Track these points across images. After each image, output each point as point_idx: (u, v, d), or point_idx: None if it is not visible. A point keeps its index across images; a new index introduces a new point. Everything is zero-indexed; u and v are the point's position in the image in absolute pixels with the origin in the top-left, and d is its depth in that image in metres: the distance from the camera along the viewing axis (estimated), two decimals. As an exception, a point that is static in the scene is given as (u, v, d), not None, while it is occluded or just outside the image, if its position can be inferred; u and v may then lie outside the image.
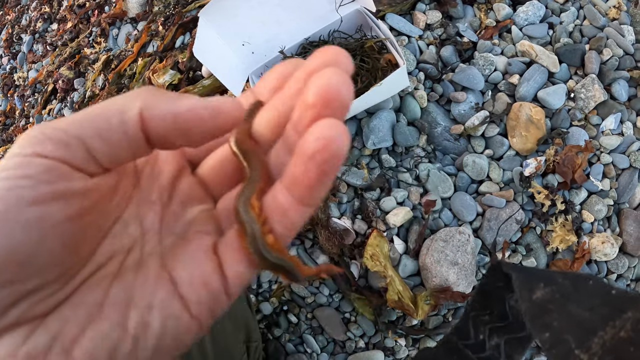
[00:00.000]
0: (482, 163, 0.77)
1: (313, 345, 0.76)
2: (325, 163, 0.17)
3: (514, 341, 0.41)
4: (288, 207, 0.19)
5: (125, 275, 0.19)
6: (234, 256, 0.19)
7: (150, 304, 0.18)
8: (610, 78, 0.82)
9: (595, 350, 0.28)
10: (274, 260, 0.19)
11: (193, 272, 0.19)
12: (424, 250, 0.74)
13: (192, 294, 0.19)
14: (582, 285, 0.33)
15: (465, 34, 0.83)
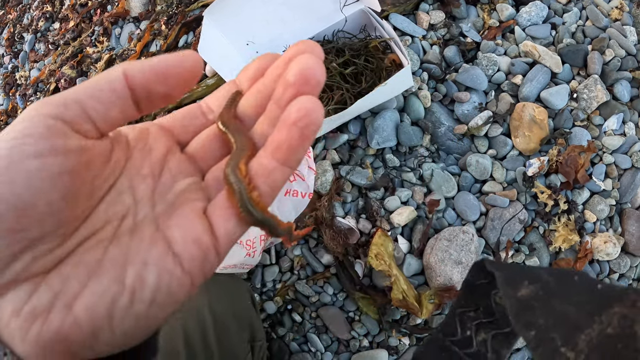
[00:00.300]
0: (486, 163, 0.77)
1: (317, 344, 0.75)
2: (306, 128, 0.20)
3: (500, 336, 0.40)
4: (272, 168, 0.21)
5: (121, 237, 0.20)
6: (222, 215, 0.21)
7: (145, 261, 0.20)
8: (612, 79, 0.82)
9: (581, 348, 0.27)
10: (259, 216, 0.21)
11: (185, 231, 0.21)
12: (428, 249, 0.73)
13: (184, 251, 0.20)
14: (567, 281, 0.32)
15: (469, 34, 0.82)
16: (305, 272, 0.76)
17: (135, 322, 0.19)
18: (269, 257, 0.76)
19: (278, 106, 0.22)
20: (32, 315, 0.18)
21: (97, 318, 0.18)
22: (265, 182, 0.22)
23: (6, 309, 0.18)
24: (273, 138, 0.21)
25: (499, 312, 0.41)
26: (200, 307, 0.56)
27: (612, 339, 0.27)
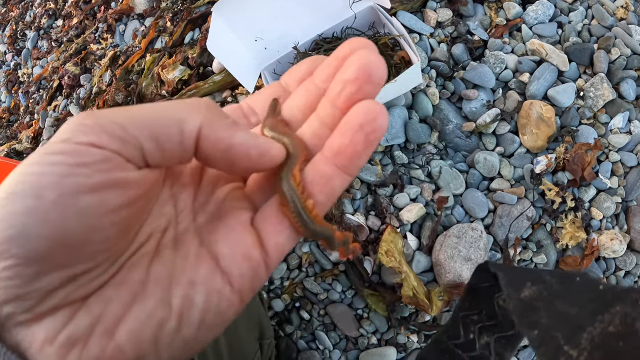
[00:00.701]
0: (494, 160, 0.76)
1: (325, 342, 0.74)
2: (372, 133, 0.18)
3: (503, 340, 0.40)
4: (331, 175, 0.19)
5: (164, 253, 0.19)
6: (273, 228, 0.20)
7: (192, 280, 0.18)
8: (618, 77, 0.81)
9: (584, 346, 0.27)
10: (316, 228, 0.19)
11: (234, 246, 0.19)
12: (437, 246, 0.72)
13: (233, 268, 0.18)
14: (569, 282, 0.33)
15: (476, 32, 0.82)
16: (313, 269, 0.75)
17: (182, 345, 0.18)
18: (277, 254, 0.75)
19: (333, 105, 0.20)
20: (70, 343, 0.16)
21: (142, 344, 0.17)
22: (322, 191, 0.20)
23: (39, 335, 0.16)
24: (334, 142, 0.19)
25: (501, 315, 0.41)
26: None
27: (614, 336, 0.27)
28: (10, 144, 1.17)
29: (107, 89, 1.00)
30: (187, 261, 0.19)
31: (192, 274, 0.18)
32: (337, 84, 0.19)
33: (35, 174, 0.15)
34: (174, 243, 0.19)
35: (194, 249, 0.19)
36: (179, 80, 0.87)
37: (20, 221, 0.15)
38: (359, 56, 0.19)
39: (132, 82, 0.96)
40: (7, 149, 1.14)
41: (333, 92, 0.20)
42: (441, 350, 0.44)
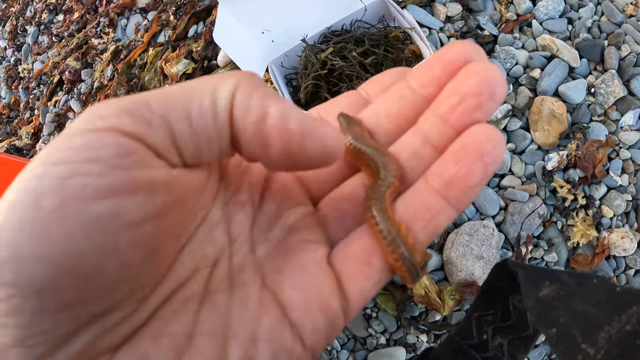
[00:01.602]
0: (505, 157, 0.72)
1: (333, 342, 0.70)
2: (492, 165, 0.15)
3: (517, 341, 0.40)
4: (439, 210, 0.16)
5: (216, 296, 0.14)
6: (358, 270, 0.15)
7: (254, 335, 0.14)
8: (629, 74, 0.78)
9: (601, 344, 0.27)
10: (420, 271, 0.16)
11: (307, 293, 0.15)
12: (449, 244, 0.69)
13: (306, 321, 0.14)
14: (586, 283, 0.32)
15: (486, 27, 0.78)
16: (321, 268, 0.71)
17: None
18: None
19: (443, 121, 0.16)
20: None
21: None
22: (426, 228, 0.16)
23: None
24: (446, 169, 0.15)
25: (516, 315, 0.40)
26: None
27: (631, 335, 0.26)
28: (10, 140, 1.12)
29: (108, 83, 0.96)
30: (247, 309, 0.14)
31: (254, 327, 0.14)
32: (451, 95, 0.16)
33: (35, 177, 0.11)
34: (229, 282, 0.15)
35: (255, 292, 0.15)
36: (183, 74, 0.83)
37: (13, 239, 0.11)
38: (481, 68, 0.15)
39: (135, 76, 0.92)
40: (7, 145, 1.10)
41: (445, 104, 0.16)
42: (454, 350, 0.42)
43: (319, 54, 0.68)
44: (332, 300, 0.15)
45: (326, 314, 0.15)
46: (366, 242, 0.16)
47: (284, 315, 0.14)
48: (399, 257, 0.15)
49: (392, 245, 0.15)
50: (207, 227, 0.15)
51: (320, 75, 0.69)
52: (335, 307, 0.15)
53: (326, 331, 0.15)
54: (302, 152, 0.14)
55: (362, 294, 0.15)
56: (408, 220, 0.15)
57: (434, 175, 0.16)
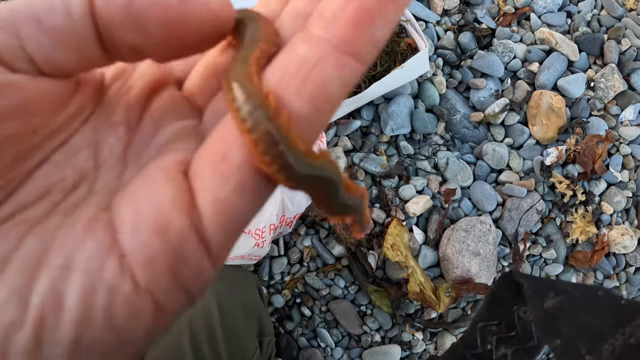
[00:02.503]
0: (502, 152, 0.70)
1: (327, 340, 0.69)
2: None
3: (521, 351, 0.39)
4: (319, 58, 0.10)
5: (51, 220, 0.11)
6: (209, 171, 0.11)
7: (68, 263, 0.10)
8: (629, 68, 0.76)
9: (605, 356, 0.27)
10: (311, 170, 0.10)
11: (141, 209, 0.11)
12: (445, 240, 0.67)
13: (137, 247, 0.10)
14: (591, 295, 0.32)
15: (484, 20, 0.76)
16: (315, 264, 0.69)
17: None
18: (277, 248, 0.69)
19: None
20: None
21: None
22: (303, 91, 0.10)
23: None
24: (326, 7, 0.11)
25: (521, 326, 0.39)
26: (206, 300, 0.50)
27: (635, 348, 0.26)
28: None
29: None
30: (72, 232, 0.11)
31: (71, 253, 0.10)
32: None
33: None
34: (74, 207, 0.12)
35: (88, 214, 0.11)
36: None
37: None
38: None
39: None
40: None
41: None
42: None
43: (313, 47, 0.67)
44: (173, 217, 0.10)
45: (165, 237, 0.10)
46: (226, 132, 0.11)
47: (113, 241, 0.10)
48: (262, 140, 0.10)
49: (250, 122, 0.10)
50: (69, 149, 0.13)
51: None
52: (178, 227, 0.10)
53: (169, 262, 0.10)
54: (186, 23, 0.11)
55: (217, 206, 0.10)
56: (278, 86, 0.10)
57: (315, 20, 0.11)
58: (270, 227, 0.60)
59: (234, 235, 0.11)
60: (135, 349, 0.11)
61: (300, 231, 0.69)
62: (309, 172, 0.10)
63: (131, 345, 0.11)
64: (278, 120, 0.10)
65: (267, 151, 0.10)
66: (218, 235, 0.11)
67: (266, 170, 0.10)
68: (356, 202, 0.12)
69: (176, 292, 0.11)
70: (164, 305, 0.11)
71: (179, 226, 0.10)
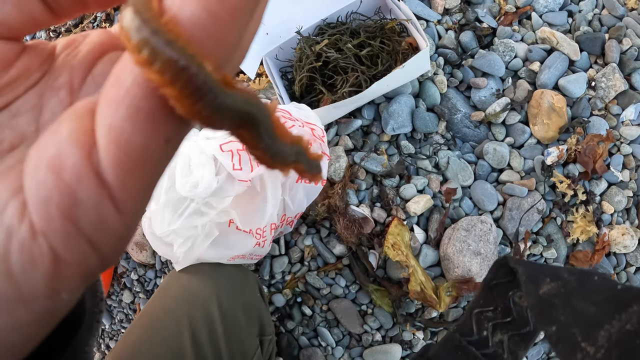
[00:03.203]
0: (503, 151, 0.70)
1: (328, 339, 0.68)
2: None
3: (517, 337, 0.39)
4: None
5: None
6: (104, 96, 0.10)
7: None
8: (630, 68, 0.76)
9: (602, 343, 0.26)
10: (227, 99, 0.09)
11: (41, 147, 0.10)
12: (445, 239, 0.67)
13: (32, 186, 0.09)
14: (587, 280, 0.32)
15: (485, 19, 0.76)
16: (316, 263, 0.69)
17: None
18: (278, 248, 0.69)
19: None
20: None
21: None
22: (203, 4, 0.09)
23: None
24: None
25: (516, 312, 0.39)
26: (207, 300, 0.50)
27: (631, 334, 0.26)
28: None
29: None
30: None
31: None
32: None
33: None
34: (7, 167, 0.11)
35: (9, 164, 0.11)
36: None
37: None
38: None
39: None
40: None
41: None
42: (454, 347, 0.41)
43: (314, 46, 0.66)
44: (67, 152, 0.09)
45: (58, 174, 0.09)
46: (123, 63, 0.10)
47: (20, 187, 0.10)
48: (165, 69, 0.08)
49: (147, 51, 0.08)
50: (10, 112, 0.12)
51: (315, 68, 0.67)
52: (72, 162, 0.09)
53: (62, 202, 0.09)
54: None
55: (110, 135, 0.09)
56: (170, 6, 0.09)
57: None
58: (271, 226, 0.60)
59: (138, 177, 0.10)
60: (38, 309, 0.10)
61: (301, 230, 0.69)
62: (224, 102, 0.09)
63: (34, 302, 0.10)
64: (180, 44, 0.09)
65: (174, 79, 0.08)
66: (116, 172, 0.09)
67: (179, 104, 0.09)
68: (294, 149, 0.11)
69: (75, 240, 0.10)
70: (62, 254, 0.10)
71: (73, 162, 0.09)
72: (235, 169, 0.49)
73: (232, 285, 0.55)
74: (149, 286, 0.78)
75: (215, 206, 0.51)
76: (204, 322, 0.48)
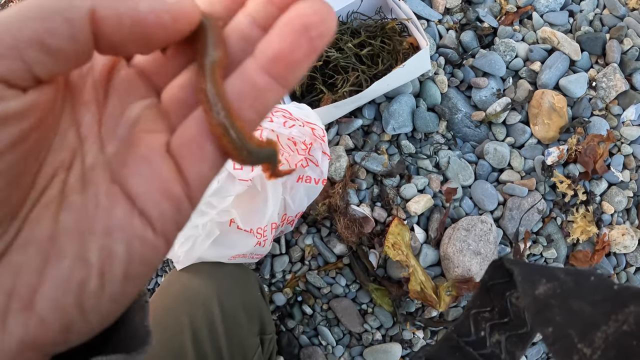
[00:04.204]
0: (504, 151, 0.70)
1: (328, 338, 0.69)
2: (318, 38, 0.14)
3: (515, 338, 0.39)
4: (265, 87, 0.15)
5: (72, 197, 0.15)
6: (192, 154, 0.16)
7: (109, 228, 0.14)
8: (631, 68, 0.76)
9: (598, 344, 0.26)
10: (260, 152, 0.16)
11: (149, 181, 0.15)
12: (445, 239, 0.67)
13: (152, 208, 0.15)
14: (583, 281, 0.32)
15: (486, 19, 0.76)
16: (316, 263, 0.69)
17: (110, 303, 0.14)
18: (278, 247, 0.69)
19: (271, 3, 0.15)
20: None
21: (66, 312, 0.14)
22: (254, 107, 0.15)
23: None
24: (270, 46, 0.15)
25: (514, 312, 0.39)
26: (208, 299, 0.50)
27: (628, 336, 0.26)
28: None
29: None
30: (99, 204, 0.14)
31: (107, 220, 0.14)
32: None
33: None
34: (82, 182, 0.15)
35: (104, 188, 0.15)
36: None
37: None
38: None
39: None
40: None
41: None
42: (451, 347, 0.41)
43: (315, 45, 0.66)
44: (173, 186, 0.15)
45: (170, 199, 0.15)
46: (199, 126, 0.15)
47: (132, 206, 0.15)
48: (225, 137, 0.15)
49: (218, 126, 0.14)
50: (60, 134, 0.15)
51: (315, 67, 0.67)
52: (178, 192, 0.15)
53: (173, 216, 0.15)
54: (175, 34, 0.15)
55: (201, 178, 0.16)
56: (236, 100, 0.15)
57: (259, 54, 0.15)
58: (272, 225, 0.60)
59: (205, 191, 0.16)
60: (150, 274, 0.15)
61: (301, 230, 0.69)
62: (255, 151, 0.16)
63: (151, 270, 0.15)
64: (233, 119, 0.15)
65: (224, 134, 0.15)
66: (199, 193, 0.16)
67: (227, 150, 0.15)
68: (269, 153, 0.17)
69: (175, 233, 0.16)
70: (170, 242, 0.15)
71: (178, 191, 0.15)
72: (235, 168, 0.49)
73: (233, 285, 0.55)
74: (150, 285, 0.78)
75: (216, 206, 0.51)
76: (204, 321, 0.48)
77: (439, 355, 0.42)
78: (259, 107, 0.15)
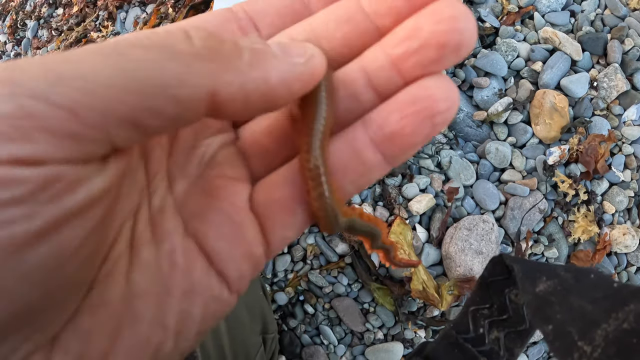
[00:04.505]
0: (505, 150, 0.71)
1: (330, 337, 0.69)
2: (440, 125, 0.13)
3: (513, 335, 0.38)
4: (374, 165, 0.14)
5: (143, 252, 0.13)
6: (280, 219, 0.15)
7: (187, 290, 0.13)
8: (632, 68, 0.76)
9: (598, 342, 0.26)
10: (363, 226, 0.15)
11: (231, 243, 0.14)
12: (447, 238, 0.67)
13: (232, 269, 0.14)
14: (584, 278, 0.32)
15: (487, 19, 0.76)
16: (318, 262, 0.69)
17: (180, 355, 0.14)
18: (280, 246, 0.69)
19: (392, 65, 0.13)
20: None
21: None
22: (356, 182, 0.14)
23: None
24: (388, 122, 0.13)
25: (513, 309, 0.39)
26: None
27: (628, 333, 0.26)
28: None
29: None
30: (176, 264, 0.13)
31: (185, 283, 0.13)
32: (409, 38, 0.13)
33: None
34: (152, 231, 0.13)
35: (179, 243, 0.14)
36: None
37: None
38: (452, 13, 0.12)
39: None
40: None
41: (400, 47, 0.13)
42: (450, 344, 0.41)
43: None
44: (256, 249, 0.14)
45: (250, 261, 0.14)
46: (292, 189, 0.14)
47: (210, 266, 0.14)
48: (322, 208, 0.14)
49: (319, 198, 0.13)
50: (131, 174, 0.13)
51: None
52: (259, 254, 0.15)
53: (250, 275, 0.15)
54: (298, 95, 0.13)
55: (284, 241, 0.15)
56: (339, 171, 0.14)
57: (375, 125, 0.14)
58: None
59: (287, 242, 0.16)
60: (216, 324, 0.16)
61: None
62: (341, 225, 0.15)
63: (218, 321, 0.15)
64: (333, 194, 0.14)
65: (324, 213, 0.14)
66: (275, 253, 0.15)
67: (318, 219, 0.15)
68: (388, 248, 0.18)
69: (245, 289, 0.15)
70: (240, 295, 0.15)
71: (259, 254, 0.15)
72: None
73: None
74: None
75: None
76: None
77: (438, 351, 0.43)
78: (361, 182, 0.14)
